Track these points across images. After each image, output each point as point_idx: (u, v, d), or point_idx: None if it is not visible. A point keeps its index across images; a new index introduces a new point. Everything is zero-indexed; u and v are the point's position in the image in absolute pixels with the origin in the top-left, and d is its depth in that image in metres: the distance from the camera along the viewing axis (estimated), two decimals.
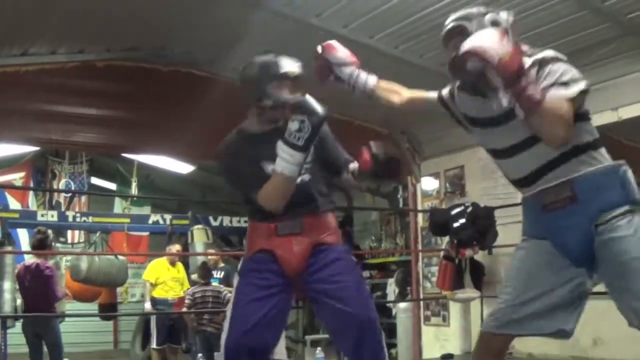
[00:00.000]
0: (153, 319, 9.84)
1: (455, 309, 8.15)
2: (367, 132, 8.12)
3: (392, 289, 10.60)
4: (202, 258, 10.71)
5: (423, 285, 8.95)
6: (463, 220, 7.32)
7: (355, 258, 3.90)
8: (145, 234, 13.39)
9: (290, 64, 3.37)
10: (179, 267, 10.28)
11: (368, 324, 3.30)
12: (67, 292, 8.71)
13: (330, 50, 3.39)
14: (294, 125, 3.12)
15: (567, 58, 2.83)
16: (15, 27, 5.84)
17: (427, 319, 8.86)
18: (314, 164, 3.46)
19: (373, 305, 3.43)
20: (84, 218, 11.76)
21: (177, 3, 5.80)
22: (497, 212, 7.45)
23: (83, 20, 5.94)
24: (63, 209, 12.99)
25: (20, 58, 6.34)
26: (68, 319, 9.85)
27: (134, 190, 12.72)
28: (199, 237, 11.42)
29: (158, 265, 10.12)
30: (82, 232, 13.35)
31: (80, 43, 6.51)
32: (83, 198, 13.80)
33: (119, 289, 12.02)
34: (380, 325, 3.37)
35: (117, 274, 10.62)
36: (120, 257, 10.69)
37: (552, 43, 5.74)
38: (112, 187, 14.15)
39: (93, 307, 11.49)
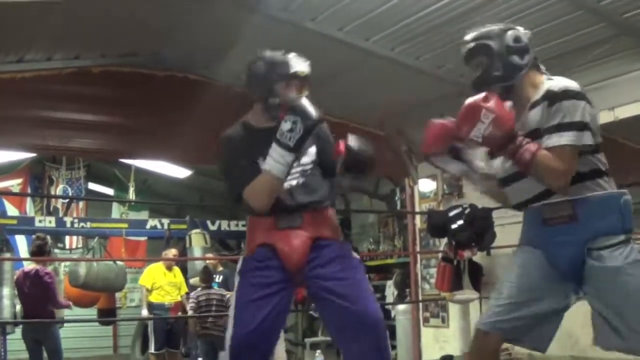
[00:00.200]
0: (150, 324, 9.83)
1: (454, 310, 8.14)
2: (363, 134, 8.07)
3: (390, 291, 10.61)
4: (200, 262, 10.73)
5: (422, 287, 8.95)
6: (461, 222, 7.31)
7: None
8: (143, 239, 13.37)
9: (300, 63, 3.36)
10: (176, 271, 10.27)
11: (374, 323, 3.27)
12: (69, 303, 8.70)
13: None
14: (286, 126, 3.12)
15: (579, 88, 2.88)
16: (11, 33, 5.83)
17: (426, 321, 8.86)
18: (315, 166, 3.45)
19: (377, 304, 3.42)
20: (82, 224, 11.76)
21: (172, 8, 5.79)
22: (495, 213, 7.43)
23: (78, 27, 5.94)
24: (61, 215, 12.99)
25: (16, 65, 6.33)
26: (67, 325, 9.84)
27: (132, 196, 12.70)
28: (197, 241, 11.43)
29: (154, 270, 10.12)
30: (80, 237, 13.34)
31: (76, 49, 6.50)
32: (81, 204, 13.78)
33: (118, 294, 12.01)
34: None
35: (115, 279, 10.61)
36: (119, 262, 10.67)
37: (548, 43, 5.76)
38: (109, 192, 14.16)
39: (92, 312, 11.49)
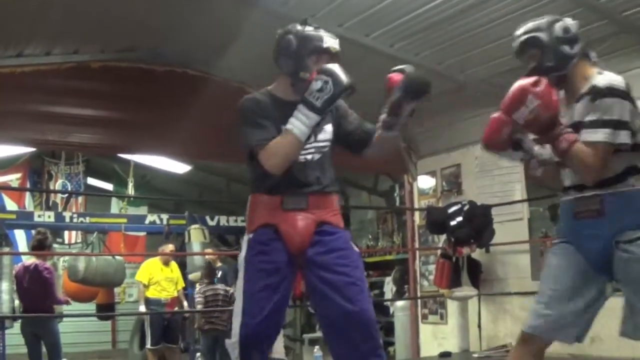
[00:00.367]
0: (147, 320, 9.83)
1: (453, 307, 8.15)
2: None
3: (389, 288, 10.61)
4: (198, 258, 10.72)
5: (420, 284, 8.95)
6: (460, 219, 7.33)
7: None
8: (142, 234, 13.36)
9: (331, 39, 3.34)
10: (173, 266, 10.26)
11: (370, 324, 3.27)
12: (68, 299, 8.69)
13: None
14: (317, 85, 3.12)
15: (625, 87, 3.02)
16: (11, 28, 5.84)
17: (424, 317, 8.86)
18: (331, 145, 3.43)
19: (371, 304, 3.40)
20: (81, 219, 11.76)
21: (171, 3, 5.79)
22: (493, 210, 7.46)
23: (78, 22, 5.94)
24: (60, 210, 12.98)
25: (16, 59, 6.33)
26: (66, 319, 9.84)
27: (131, 191, 12.70)
28: (196, 236, 11.42)
29: (151, 266, 10.11)
30: (79, 232, 13.34)
31: (75, 44, 6.50)
32: (80, 199, 13.77)
33: (117, 289, 12.02)
34: (379, 324, 3.34)
35: (114, 274, 10.61)
36: (118, 257, 10.67)
37: None
38: (108, 187, 14.15)
39: (91, 307, 11.49)
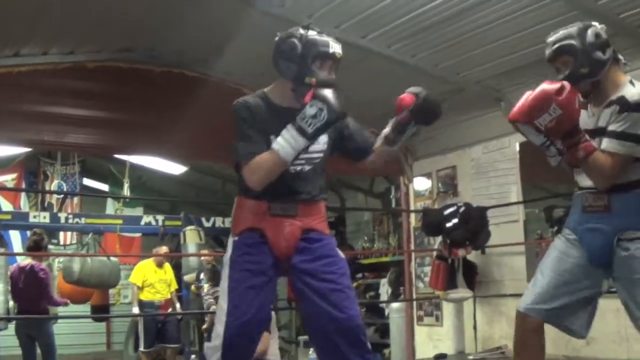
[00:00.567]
0: (140, 322, 9.83)
1: (448, 309, 8.14)
2: None
3: (385, 289, 10.60)
4: (194, 259, 10.72)
5: (416, 285, 8.94)
6: (456, 220, 7.33)
7: (348, 258, 3.86)
8: (138, 235, 13.37)
9: (336, 45, 3.32)
10: (167, 268, 10.27)
11: (359, 330, 3.26)
12: (66, 300, 8.69)
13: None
14: (311, 111, 3.08)
15: None
16: (8, 28, 5.82)
17: (420, 319, 8.85)
18: (323, 156, 3.43)
19: (359, 309, 3.39)
20: (77, 219, 11.75)
21: (168, 4, 5.79)
22: (489, 212, 7.46)
23: (75, 22, 5.92)
24: (55, 211, 12.96)
25: (13, 59, 6.31)
26: (61, 321, 9.83)
27: (126, 192, 12.69)
28: (192, 238, 11.41)
29: (144, 268, 10.12)
30: (74, 233, 13.32)
31: (72, 44, 6.49)
32: (75, 199, 13.76)
33: (112, 291, 12.00)
34: (374, 326, 3.35)
35: (109, 276, 10.60)
36: (113, 258, 10.66)
37: (544, 43, 5.77)
38: (104, 188, 14.13)
39: (86, 308, 11.48)
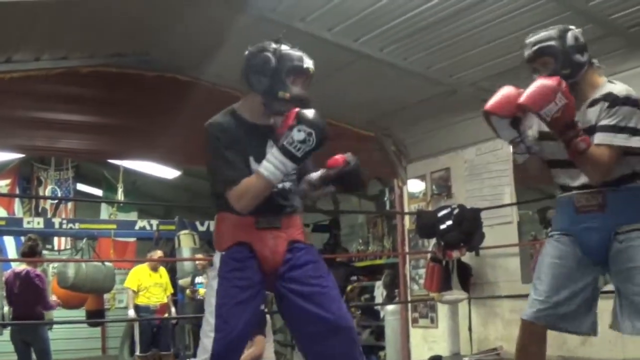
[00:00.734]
0: (136, 327, 9.81)
1: (443, 311, 8.15)
2: (351, 134, 8.09)
3: (379, 292, 10.60)
4: (188, 263, 10.71)
5: (411, 288, 8.95)
6: (450, 222, 7.34)
7: (343, 261, 3.87)
8: (132, 240, 13.35)
9: (308, 60, 3.27)
10: (162, 272, 10.25)
11: (349, 331, 3.26)
12: (58, 301, 8.67)
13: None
14: (299, 136, 3.00)
15: (638, 96, 3.29)
16: (0, 33, 5.82)
17: (415, 321, 8.86)
18: (298, 172, 3.40)
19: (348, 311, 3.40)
20: (71, 225, 11.70)
21: (160, 9, 5.78)
22: (483, 213, 7.48)
23: (67, 27, 5.92)
24: (49, 216, 12.94)
25: (5, 65, 6.30)
26: (56, 326, 9.81)
27: (120, 196, 12.67)
28: (186, 242, 11.40)
29: (139, 272, 10.10)
30: (68, 238, 13.29)
31: (64, 50, 6.49)
32: (69, 205, 13.74)
33: (107, 295, 11.97)
34: (369, 329, 3.35)
35: (104, 281, 10.56)
36: (107, 263, 10.63)
37: None
38: (98, 193, 14.12)
39: (81, 313, 11.45)
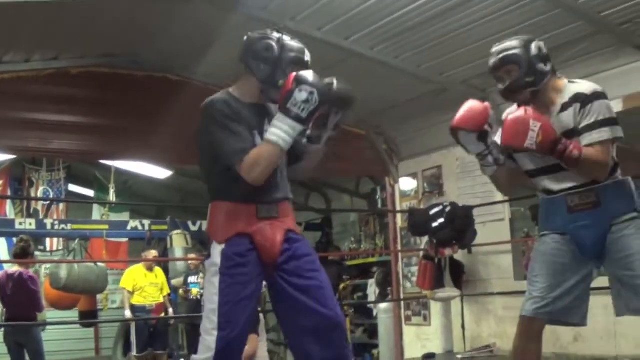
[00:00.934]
0: (133, 327, 9.80)
1: (436, 308, 8.16)
2: (342, 133, 8.07)
3: (372, 290, 10.60)
4: (181, 263, 10.69)
5: (403, 286, 8.96)
6: (442, 220, 7.34)
7: (335, 260, 3.87)
8: (125, 240, 13.32)
9: (308, 53, 3.33)
10: (158, 272, 10.23)
11: (342, 327, 3.30)
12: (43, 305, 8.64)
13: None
14: (301, 96, 3.02)
15: (602, 88, 3.40)
16: None
17: (408, 319, 8.87)
18: (287, 157, 3.39)
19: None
20: (63, 225, 11.68)
21: (150, 9, 5.78)
22: (475, 211, 7.49)
23: (57, 28, 5.92)
24: (41, 217, 12.90)
25: None
26: (49, 327, 9.79)
27: (112, 197, 12.64)
28: (178, 242, 11.39)
29: (135, 272, 10.08)
30: (60, 239, 13.25)
31: (55, 50, 6.48)
32: (61, 205, 13.68)
33: (100, 296, 11.94)
34: (362, 327, 3.36)
35: (96, 281, 10.52)
36: (100, 264, 10.61)
37: None
38: (90, 194, 14.07)
39: (74, 314, 11.43)
